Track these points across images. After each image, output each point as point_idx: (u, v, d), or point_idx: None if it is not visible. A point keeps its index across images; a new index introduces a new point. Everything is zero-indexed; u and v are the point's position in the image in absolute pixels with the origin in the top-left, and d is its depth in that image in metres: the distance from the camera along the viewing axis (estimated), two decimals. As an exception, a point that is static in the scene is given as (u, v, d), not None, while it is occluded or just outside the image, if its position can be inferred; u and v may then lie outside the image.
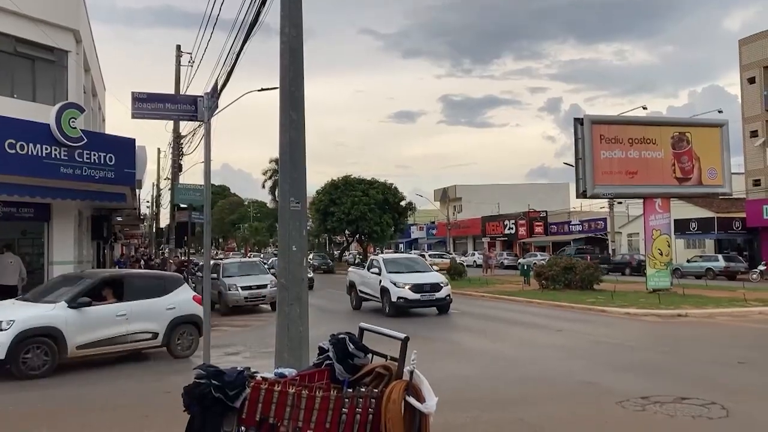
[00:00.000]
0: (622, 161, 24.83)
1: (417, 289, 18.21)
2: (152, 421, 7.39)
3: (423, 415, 3.04)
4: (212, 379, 2.80)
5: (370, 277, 19.83)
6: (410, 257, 23.93)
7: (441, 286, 18.63)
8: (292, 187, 5.15)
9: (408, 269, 19.49)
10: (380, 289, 18.83)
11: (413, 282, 18.36)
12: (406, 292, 18.09)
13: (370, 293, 19.82)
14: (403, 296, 18.03)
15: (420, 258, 23.59)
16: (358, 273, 21.54)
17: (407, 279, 18.57)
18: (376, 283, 19.28)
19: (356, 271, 22.17)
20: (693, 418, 7.37)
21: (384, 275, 18.91)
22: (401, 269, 19.42)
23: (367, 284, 20.12)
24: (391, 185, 58.56)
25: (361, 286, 20.51)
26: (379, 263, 19.82)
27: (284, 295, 5.22)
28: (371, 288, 19.71)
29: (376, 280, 19.25)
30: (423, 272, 19.61)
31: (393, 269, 19.28)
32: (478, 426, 7.05)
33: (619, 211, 50.84)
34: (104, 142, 17.16)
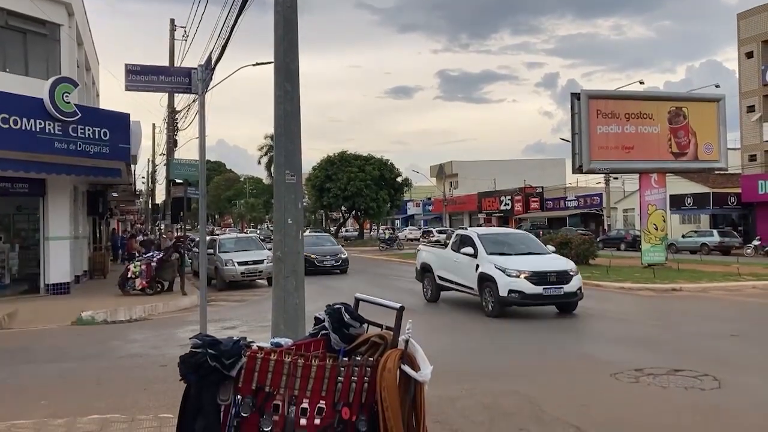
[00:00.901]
0: (619, 136, 24.78)
1: (538, 279, 12.88)
2: (149, 394, 7.45)
3: (418, 383, 3.07)
4: (208, 348, 2.81)
5: (459, 260, 14.57)
6: (515, 233, 17.54)
7: (570, 275, 13.21)
8: (287, 159, 5.13)
9: (515, 250, 14.38)
10: (478, 278, 13.62)
11: (532, 269, 13.07)
12: (522, 284, 12.82)
13: (459, 282, 14.77)
14: (518, 289, 12.79)
15: (529, 234, 17.46)
16: (437, 253, 16.41)
17: (521, 264, 13.30)
18: (469, 269, 14.10)
19: (433, 251, 17.00)
20: (686, 389, 7.45)
21: (483, 257, 13.76)
22: (506, 249, 14.31)
23: (452, 269, 15.08)
24: (387, 161, 58.50)
25: (442, 271, 15.50)
26: (475, 241, 14.38)
27: (280, 268, 5.23)
28: (460, 275, 14.62)
29: (470, 264, 14.06)
30: (539, 254, 14.40)
31: (495, 249, 14.13)
32: (473, 397, 7.12)
33: (615, 186, 50.88)
34: (99, 116, 17.11)
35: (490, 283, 13.20)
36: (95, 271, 23.71)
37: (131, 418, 6.11)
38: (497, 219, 67.05)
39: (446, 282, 15.38)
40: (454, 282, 15.01)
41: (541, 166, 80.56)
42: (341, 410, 2.96)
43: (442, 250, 16.35)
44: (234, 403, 2.83)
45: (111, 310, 14.37)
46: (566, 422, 6.25)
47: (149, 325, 13.44)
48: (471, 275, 13.95)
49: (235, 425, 2.82)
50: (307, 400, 2.93)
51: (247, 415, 2.83)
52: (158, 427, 5.81)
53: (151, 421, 6.00)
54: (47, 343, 11.34)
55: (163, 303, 15.99)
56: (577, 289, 13.18)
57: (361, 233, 65.49)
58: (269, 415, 2.85)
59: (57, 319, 13.49)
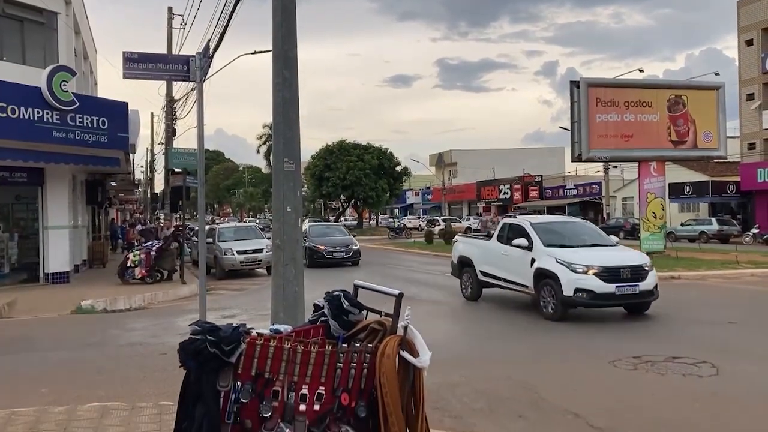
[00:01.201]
0: (618, 125, 24.73)
1: (610, 275, 11.03)
2: (149, 381, 7.48)
3: (417, 369, 3.08)
4: (208, 335, 2.81)
5: (509, 253, 12.66)
6: (572, 221, 14.92)
7: (645, 271, 11.44)
8: (285, 147, 5.12)
9: (576, 241, 12.45)
10: (534, 274, 11.74)
11: (602, 264, 11.21)
12: (591, 281, 10.92)
13: (508, 278, 12.80)
14: (587, 287, 10.89)
15: (588, 222, 15.53)
16: (479, 245, 14.23)
17: (588, 258, 11.40)
18: (521, 264, 12.22)
19: (474, 243, 14.78)
20: (684, 376, 7.48)
21: (539, 250, 11.86)
22: (566, 241, 12.37)
23: (499, 263, 13.08)
24: (386, 150, 58.38)
25: (486, 266, 13.49)
26: (528, 231, 12.40)
27: (279, 256, 5.23)
28: (510, 270, 12.69)
29: (522, 258, 12.18)
30: (604, 246, 12.53)
31: (553, 240, 12.22)
32: (472, 384, 7.15)
33: (614, 175, 50.82)
34: (97, 105, 17.06)
35: (551, 280, 11.30)
36: (94, 260, 23.73)
37: (131, 406, 6.13)
38: (496, 208, 67.04)
39: (490, 278, 13.36)
40: (500, 278, 12.99)
41: (540, 154, 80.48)
42: (340, 396, 2.97)
43: (485, 241, 14.13)
44: (233, 390, 2.84)
45: (110, 299, 14.39)
46: (564, 409, 6.28)
47: (149, 314, 13.47)
48: (524, 271, 12.04)
49: (234, 411, 2.83)
50: (307, 386, 2.94)
51: (246, 401, 2.84)
52: (158, 414, 5.83)
53: (151, 409, 6.02)
54: (47, 332, 11.36)
55: (163, 292, 16.02)
56: (653, 287, 11.45)
57: (360, 222, 65.50)
58: (269, 401, 2.86)
59: (57, 307, 13.51)
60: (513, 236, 12.75)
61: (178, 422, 2.95)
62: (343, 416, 2.97)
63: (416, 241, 39.52)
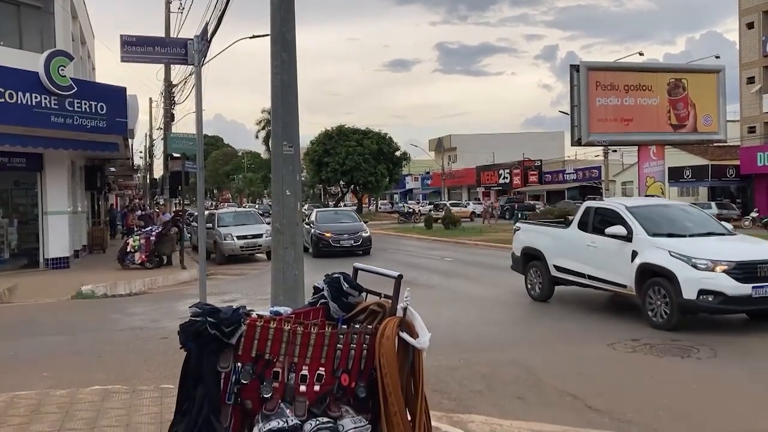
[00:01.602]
0: (618, 108, 24.65)
1: (744, 273, 8.75)
2: (150, 365, 7.51)
3: (416, 350, 3.09)
4: (208, 317, 2.82)
5: (598, 244, 10.43)
6: (676, 205, 12.80)
7: None
8: (284, 130, 5.11)
9: (686, 229, 10.29)
10: (637, 271, 9.55)
11: (732, 258, 8.93)
12: (721, 281, 8.68)
13: (596, 276, 10.48)
14: (715, 288, 8.65)
15: (694, 206, 13.38)
16: (553, 234, 11.85)
17: (712, 251, 9.22)
18: (617, 257, 10.01)
19: (545, 231, 12.28)
20: (682, 358, 7.53)
21: (643, 241, 9.68)
22: (674, 229, 10.21)
23: (583, 257, 10.69)
24: (385, 135, 58.25)
25: (563, 259, 11.14)
26: (624, 216, 10.19)
27: (279, 239, 5.24)
28: (600, 265, 10.41)
29: (619, 250, 9.98)
30: (723, 235, 10.34)
31: (659, 229, 10.06)
32: (471, 367, 7.19)
33: (614, 159, 50.79)
34: (95, 90, 17.00)
35: (663, 279, 9.11)
36: (94, 245, 23.75)
37: (132, 389, 6.16)
38: (496, 192, 67.08)
39: (569, 274, 11.03)
40: (584, 274, 10.65)
41: (540, 139, 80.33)
42: (340, 377, 2.99)
43: (561, 230, 11.83)
44: (234, 371, 2.86)
45: (111, 284, 14.43)
46: (563, 391, 6.33)
47: (149, 299, 13.51)
48: (621, 266, 9.89)
49: (235, 392, 2.85)
50: (307, 367, 2.95)
51: (247, 382, 2.86)
52: (159, 397, 5.86)
53: (152, 392, 6.06)
54: (47, 317, 11.39)
55: (163, 277, 16.06)
56: None
57: (360, 207, 65.48)
58: (269, 382, 2.88)
59: (57, 293, 13.55)
60: (602, 223, 10.56)
61: (179, 403, 2.97)
62: (343, 396, 2.99)
63: (416, 227, 39.54)
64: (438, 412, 5.36)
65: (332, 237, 21.33)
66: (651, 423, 5.41)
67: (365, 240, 21.68)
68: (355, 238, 21.53)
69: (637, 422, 5.44)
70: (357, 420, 2.93)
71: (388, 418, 2.95)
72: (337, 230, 21.81)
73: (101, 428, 5.09)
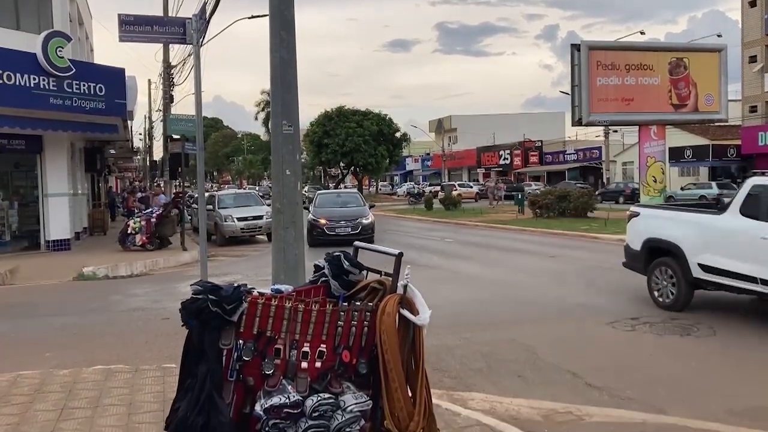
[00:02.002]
0: (619, 88, 24.59)
1: None
2: (152, 345, 7.55)
3: (416, 327, 3.11)
4: (209, 294, 2.83)
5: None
6: None
7: None
8: (284, 109, 5.08)
9: None
10: None
11: None
12: None
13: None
14: None
15: None
16: (699, 223, 9.00)
17: None
18: None
19: (682, 218, 9.36)
20: (681, 336, 7.56)
21: None
22: None
23: (754, 254, 7.93)
24: (385, 116, 57.95)
25: (718, 257, 8.42)
26: None
27: (279, 219, 5.23)
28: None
29: None
30: None
31: None
32: (471, 346, 7.23)
33: (615, 139, 50.65)
34: (93, 72, 16.92)
35: None
36: (95, 227, 23.77)
37: (135, 369, 6.21)
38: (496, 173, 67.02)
39: (725, 276, 8.31)
40: (756, 279, 7.85)
41: (540, 119, 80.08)
42: (342, 353, 3.00)
43: (711, 216, 9.02)
44: (236, 348, 2.87)
45: (112, 265, 14.46)
46: (562, 368, 6.37)
47: (150, 280, 13.55)
48: None
49: (237, 369, 2.87)
50: (308, 344, 2.97)
51: (249, 359, 2.87)
52: (161, 376, 5.91)
53: (155, 371, 6.10)
54: (49, 298, 11.44)
55: (164, 258, 16.09)
56: None
57: (360, 189, 65.37)
58: (271, 359, 2.90)
59: (58, 274, 13.59)
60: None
61: (181, 381, 2.99)
62: (344, 373, 3.01)
63: (416, 208, 39.55)
64: (438, 390, 5.40)
65: (327, 224, 18.94)
66: (650, 400, 5.45)
67: (365, 227, 18.96)
68: (354, 226, 18.91)
69: (636, 399, 5.48)
70: (358, 396, 2.96)
71: (389, 394, 2.98)
72: (333, 216, 19.31)
73: (104, 407, 5.13)
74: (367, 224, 19.01)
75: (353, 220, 19.09)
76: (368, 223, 19.07)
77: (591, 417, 5.09)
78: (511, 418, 5.05)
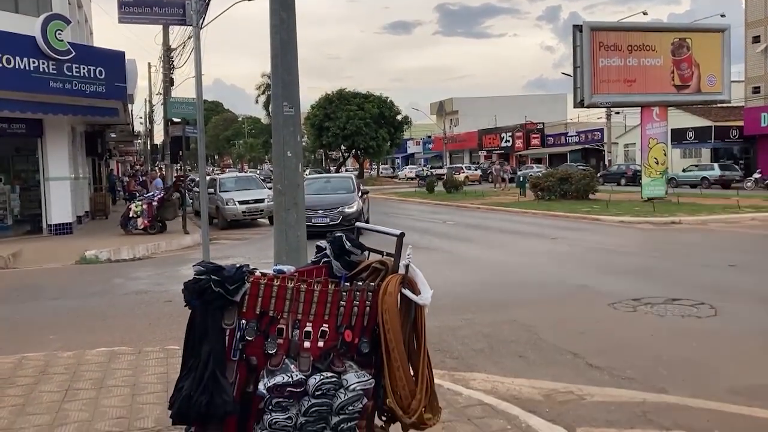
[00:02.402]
0: (621, 69, 24.45)
1: None
2: (155, 328, 7.59)
3: (418, 307, 3.12)
4: (212, 275, 2.84)
5: None
6: None
7: None
8: (284, 90, 5.06)
9: None
10: None
11: None
12: None
13: None
14: None
15: None
16: None
17: None
18: None
19: None
20: (682, 317, 7.58)
21: None
22: None
23: None
24: (386, 99, 57.74)
25: None
26: None
27: (281, 201, 5.23)
28: None
29: None
30: None
31: None
32: (473, 327, 7.26)
33: (617, 121, 50.49)
34: (93, 55, 16.86)
35: None
36: (97, 211, 23.79)
37: (138, 350, 6.24)
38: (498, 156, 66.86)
39: None
40: None
41: (542, 101, 79.76)
42: (344, 333, 3.02)
43: None
44: (238, 327, 2.89)
45: (114, 249, 14.49)
46: (564, 349, 6.39)
47: (152, 263, 13.58)
48: None
49: (240, 348, 2.88)
50: (311, 324, 2.98)
51: (252, 339, 2.89)
52: (165, 357, 5.94)
53: (158, 353, 6.13)
54: (52, 282, 11.48)
55: (166, 242, 16.12)
56: None
57: (362, 172, 65.29)
58: (273, 339, 2.91)
59: (61, 258, 13.62)
60: None
61: (184, 360, 3.01)
62: (346, 352, 3.03)
63: (417, 191, 39.53)
64: (440, 371, 5.42)
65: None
66: (651, 379, 5.48)
67: (347, 217, 16.39)
68: (333, 216, 16.52)
69: (637, 379, 5.51)
70: (360, 374, 2.97)
71: (391, 373, 3.00)
72: (310, 204, 14.98)
73: (108, 388, 5.17)
74: (350, 213, 16.61)
75: (333, 209, 16.82)
76: (351, 213, 16.67)
77: (592, 396, 5.12)
78: (513, 397, 5.07)
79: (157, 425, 4.40)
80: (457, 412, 4.61)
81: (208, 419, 2.78)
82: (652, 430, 4.48)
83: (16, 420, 4.53)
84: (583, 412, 4.81)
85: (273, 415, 2.81)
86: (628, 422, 4.60)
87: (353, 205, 17.00)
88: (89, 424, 4.44)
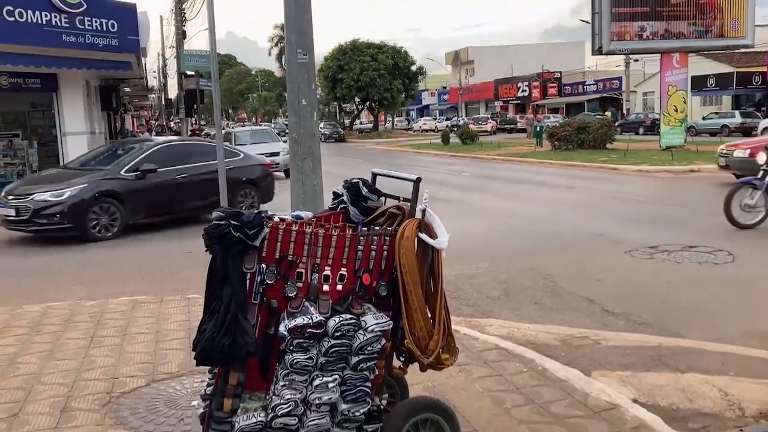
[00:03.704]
0: (640, 14, 23.88)
1: None
2: (175, 279, 7.72)
3: (435, 250, 3.15)
4: (231, 220, 2.87)
5: None
6: None
7: None
8: (298, 37, 5.02)
9: None
10: None
11: None
12: None
13: None
14: None
15: None
16: None
17: None
18: None
19: None
20: (699, 263, 7.58)
21: None
22: None
23: None
24: (401, 49, 56.89)
25: None
26: None
27: (296, 150, 5.24)
28: None
29: None
30: None
31: None
32: (489, 275, 7.31)
33: (635, 69, 49.47)
34: (105, 8, 16.67)
35: None
36: (113, 166, 23.87)
37: (160, 299, 6.37)
38: (514, 106, 66.06)
39: None
40: None
41: (559, 50, 78.13)
42: (362, 276, 3.05)
43: None
44: (259, 272, 2.93)
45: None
46: (580, 296, 6.43)
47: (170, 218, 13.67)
48: None
49: (260, 292, 2.93)
50: (329, 268, 3.02)
51: (272, 282, 2.93)
52: (186, 306, 6.06)
53: (179, 301, 6.26)
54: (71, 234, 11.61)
55: (183, 195, 16.17)
56: None
57: (376, 125, 64.88)
58: (293, 282, 2.95)
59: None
60: None
61: (206, 304, 3.06)
62: (364, 295, 3.07)
63: (432, 142, 39.30)
64: (456, 317, 5.49)
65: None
66: (666, 325, 5.52)
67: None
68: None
69: (652, 324, 5.55)
70: (379, 316, 3.02)
71: (409, 314, 3.04)
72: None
73: (132, 335, 5.30)
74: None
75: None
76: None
77: (607, 341, 5.17)
78: (528, 342, 5.14)
79: (180, 369, 4.52)
80: (473, 356, 4.69)
81: (231, 360, 2.85)
82: (667, 372, 4.54)
83: (45, 365, 4.67)
84: (598, 356, 4.87)
85: (294, 355, 2.87)
86: (643, 365, 4.66)
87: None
88: (115, 369, 4.57)
